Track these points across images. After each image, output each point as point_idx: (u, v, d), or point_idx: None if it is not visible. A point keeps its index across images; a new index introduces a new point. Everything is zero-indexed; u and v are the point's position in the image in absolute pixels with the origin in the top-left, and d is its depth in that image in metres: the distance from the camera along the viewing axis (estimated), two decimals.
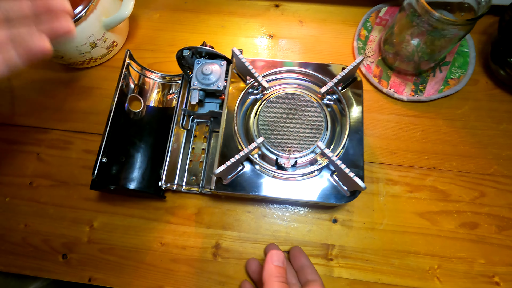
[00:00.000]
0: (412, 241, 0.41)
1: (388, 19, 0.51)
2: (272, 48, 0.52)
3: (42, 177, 0.46)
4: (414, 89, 0.47)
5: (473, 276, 0.39)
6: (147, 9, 0.55)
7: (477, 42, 0.49)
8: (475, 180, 0.43)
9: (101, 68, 0.52)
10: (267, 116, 0.38)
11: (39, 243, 0.43)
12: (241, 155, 0.35)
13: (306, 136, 0.37)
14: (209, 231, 0.43)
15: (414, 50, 0.44)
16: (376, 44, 0.50)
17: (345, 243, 0.41)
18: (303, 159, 0.37)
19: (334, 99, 0.40)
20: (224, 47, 0.51)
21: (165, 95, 0.49)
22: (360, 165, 0.36)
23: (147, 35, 0.54)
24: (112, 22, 0.45)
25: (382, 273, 0.40)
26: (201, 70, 0.42)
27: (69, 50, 0.45)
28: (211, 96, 0.46)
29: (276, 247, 0.40)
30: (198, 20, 0.54)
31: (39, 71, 0.52)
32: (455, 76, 0.47)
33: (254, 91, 0.41)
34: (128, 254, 0.42)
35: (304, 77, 0.41)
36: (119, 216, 0.44)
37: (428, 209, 0.42)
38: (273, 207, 0.43)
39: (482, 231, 0.41)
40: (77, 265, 0.42)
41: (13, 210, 0.45)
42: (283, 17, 0.54)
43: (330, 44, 0.51)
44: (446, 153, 0.44)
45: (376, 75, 0.48)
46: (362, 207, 0.43)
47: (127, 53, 0.44)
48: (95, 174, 0.38)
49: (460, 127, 0.46)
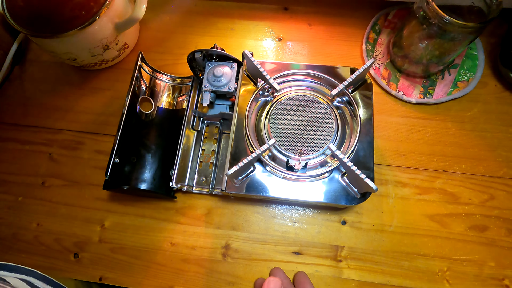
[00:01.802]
0: (422, 243, 0.41)
1: (397, 22, 0.51)
2: (281, 51, 0.52)
3: (54, 177, 0.47)
4: (423, 91, 0.47)
5: (483, 279, 0.39)
6: (158, 11, 0.56)
7: (486, 45, 0.49)
8: (484, 182, 0.43)
9: (112, 70, 0.53)
10: (278, 118, 0.39)
11: (51, 242, 0.44)
12: (253, 157, 0.35)
13: (316, 138, 0.38)
14: (218, 231, 0.43)
15: (423, 53, 0.44)
16: (385, 46, 0.50)
17: (354, 245, 0.41)
18: (314, 161, 0.38)
19: (344, 101, 0.40)
20: (233, 49, 0.52)
21: (176, 97, 0.49)
22: (371, 167, 0.37)
23: (157, 37, 0.55)
24: (124, 25, 0.46)
25: (391, 275, 0.40)
26: (212, 72, 0.42)
27: (82, 52, 0.46)
28: (222, 98, 0.46)
29: (280, 271, 0.39)
30: (208, 23, 0.55)
31: (51, 72, 0.53)
32: (464, 78, 0.47)
33: (265, 93, 0.41)
34: (139, 253, 0.43)
35: (314, 80, 0.42)
36: (130, 216, 0.44)
37: (438, 211, 0.42)
38: (282, 208, 0.44)
39: (492, 234, 0.41)
40: (88, 264, 0.43)
41: (25, 210, 0.46)
42: (292, 20, 0.54)
43: (339, 47, 0.52)
44: (455, 156, 0.44)
45: (385, 78, 0.48)
46: (371, 209, 0.43)
47: (139, 55, 0.45)
48: (108, 174, 0.38)
49: (470, 129, 0.46)
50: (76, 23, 0.42)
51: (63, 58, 0.47)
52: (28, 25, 0.43)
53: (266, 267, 0.41)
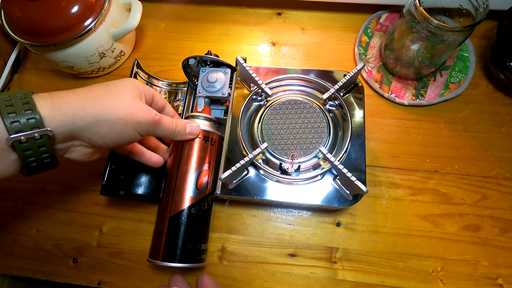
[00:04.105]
0: (416, 243, 0.41)
1: (389, 25, 0.52)
2: (275, 55, 0.53)
3: (53, 183, 0.48)
4: (415, 93, 0.47)
5: (476, 278, 0.40)
6: (153, 18, 0.57)
7: (477, 46, 0.50)
8: (477, 182, 0.43)
9: (109, 77, 0.53)
10: (271, 122, 0.39)
11: (50, 247, 0.45)
12: (246, 161, 0.36)
13: (309, 141, 0.38)
14: (215, 235, 0.44)
15: (414, 55, 0.44)
16: (377, 50, 0.51)
17: (348, 246, 0.42)
18: (306, 164, 0.38)
19: (336, 104, 0.41)
20: (228, 54, 0.53)
21: (172, 102, 0.50)
22: (363, 169, 0.37)
23: (153, 44, 0.55)
24: (120, 33, 0.47)
25: (386, 275, 0.40)
26: (206, 78, 0.43)
27: (79, 60, 0.47)
28: (216, 103, 0.47)
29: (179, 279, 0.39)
30: (203, 29, 0.56)
31: (49, 80, 0.54)
32: (456, 80, 0.47)
33: (258, 97, 0.42)
34: (137, 258, 0.43)
35: (307, 84, 0.42)
36: (128, 220, 0.45)
37: (431, 212, 0.43)
38: (278, 211, 0.44)
39: (485, 234, 0.41)
40: (87, 268, 0.43)
41: (25, 216, 0.46)
42: (285, 24, 0.55)
43: (332, 51, 0.53)
44: (448, 156, 0.45)
45: (377, 80, 0.49)
46: (365, 210, 0.43)
47: (135, 62, 0.46)
48: (105, 179, 0.39)
49: (462, 130, 0.46)
50: (72, 32, 0.43)
51: (60, 66, 0.48)
52: (25, 35, 0.44)
53: (262, 270, 0.42)
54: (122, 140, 0.32)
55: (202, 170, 0.38)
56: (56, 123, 0.28)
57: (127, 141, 0.33)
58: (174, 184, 0.38)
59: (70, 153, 0.33)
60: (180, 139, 0.38)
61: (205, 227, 0.39)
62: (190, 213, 0.37)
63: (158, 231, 0.38)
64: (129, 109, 0.31)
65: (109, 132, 0.31)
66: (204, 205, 0.38)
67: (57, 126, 0.28)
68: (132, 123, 0.31)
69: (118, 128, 0.31)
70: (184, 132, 0.37)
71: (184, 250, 0.36)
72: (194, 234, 0.37)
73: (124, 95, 0.32)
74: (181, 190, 0.38)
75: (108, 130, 0.31)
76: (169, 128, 0.35)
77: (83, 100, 0.30)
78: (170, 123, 0.35)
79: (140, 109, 0.32)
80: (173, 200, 0.38)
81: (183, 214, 0.37)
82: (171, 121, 0.36)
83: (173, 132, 0.36)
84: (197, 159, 0.39)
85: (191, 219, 0.37)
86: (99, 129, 0.30)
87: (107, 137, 0.31)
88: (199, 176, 0.38)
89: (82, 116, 0.29)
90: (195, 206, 0.38)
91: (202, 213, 0.38)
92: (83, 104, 0.29)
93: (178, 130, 0.37)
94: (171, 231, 0.37)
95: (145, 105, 0.33)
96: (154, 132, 0.34)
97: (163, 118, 0.34)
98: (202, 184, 0.38)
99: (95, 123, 0.30)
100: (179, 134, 0.37)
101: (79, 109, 0.29)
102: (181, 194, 0.38)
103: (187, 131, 0.38)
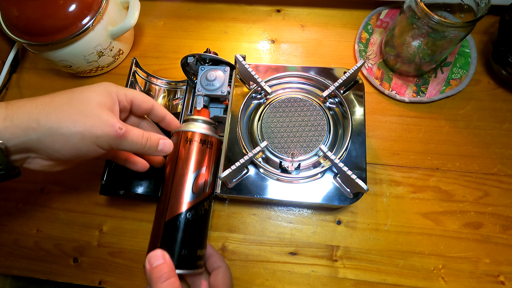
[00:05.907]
0: (417, 241, 0.41)
1: (389, 22, 0.51)
2: (275, 53, 0.53)
3: (53, 183, 0.48)
4: (416, 90, 0.47)
5: (478, 276, 0.40)
6: (152, 17, 0.57)
7: (478, 42, 0.49)
8: (478, 180, 0.43)
9: (107, 76, 0.53)
10: (271, 120, 0.39)
11: (51, 247, 0.45)
12: (246, 159, 0.35)
13: (309, 139, 0.38)
14: (215, 233, 0.43)
15: (415, 52, 0.44)
16: (377, 46, 0.50)
17: (349, 244, 0.42)
18: (307, 162, 0.38)
19: (336, 102, 0.41)
20: (227, 52, 0.52)
21: (171, 100, 0.50)
22: (363, 167, 0.37)
23: (152, 42, 0.55)
24: (118, 31, 0.47)
25: (387, 273, 0.40)
26: (205, 76, 0.43)
27: (77, 59, 0.47)
28: (215, 101, 0.46)
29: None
30: (202, 27, 0.55)
31: (48, 80, 0.54)
32: (457, 76, 0.47)
33: (258, 95, 0.42)
34: (137, 257, 0.43)
35: (307, 81, 0.42)
36: (128, 220, 0.45)
37: (432, 209, 0.42)
38: (278, 210, 0.44)
39: (487, 231, 0.41)
40: (88, 268, 0.43)
41: (25, 216, 0.46)
42: (284, 21, 0.55)
43: (332, 48, 0.52)
44: (449, 154, 0.45)
45: (377, 77, 0.49)
46: (366, 208, 0.43)
47: (133, 61, 0.46)
48: (104, 179, 0.39)
49: (463, 127, 0.46)
50: (70, 31, 0.43)
51: (59, 65, 0.48)
52: (23, 34, 0.43)
53: (262, 268, 0.42)
54: (82, 154, 0.30)
55: (199, 174, 0.38)
56: (8, 135, 0.27)
57: (88, 156, 0.31)
58: (170, 188, 0.37)
59: (28, 164, 0.31)
60: (151, 155, 0.35)
61: (202, 232, 0.38)
62: (186, 218, 0.36)
63: (154, 236, 0.36)
64: (89, 121, 0.29)
65: (65, 146, 0.29)
66: (201, 210, 0.37)
67: (9, 138, 0.27)
68: (90, 137, 0.29)
69: (74, 142, 0.29)
70: (156, 148, 0.34)
71: (180, 256, 0.35)
72: (190, 240, 0.36)
73: (88, 104, 0.29)
74: (177, 194, 0.37)
75: (64, 143, 0.28)
76: (138, 142, 0.32)
77: (40, 110, 0.28)
78: (138, 138, 0.32)
79: (101, 121, 0.29)
80: (169, 204, 0.36)
81: (179, 219, 0.36)
82: (141, 135, 0.32)
83: (142, 147, 0.33)
84: (195, 163, 0.38)
85: (187, 224, 0.36)
86: (54, 143, 0.28)
87: (64, 150, 0.29)
88: (196, 180, 0.37)
89: (35, 128, 0.27)
90: (191, 210, 0.36)
91: (199, 218, 0.37)
92: (39, 115, 0.27)
93: (149, 146, 0.33)
94: (166, 236, 0.35)
95: (110, 117, 0.30)
96: (119, 146, 0.31)
97: (130, 132, 0.31)
98: (199, 188, 0.37)
99: (49, 136, 0.28)
100: (150, 149, 0.34)
101: (32, 120, 0.27)
102: (177, 198, 0.36)
103: (159, 148, 0.34)
